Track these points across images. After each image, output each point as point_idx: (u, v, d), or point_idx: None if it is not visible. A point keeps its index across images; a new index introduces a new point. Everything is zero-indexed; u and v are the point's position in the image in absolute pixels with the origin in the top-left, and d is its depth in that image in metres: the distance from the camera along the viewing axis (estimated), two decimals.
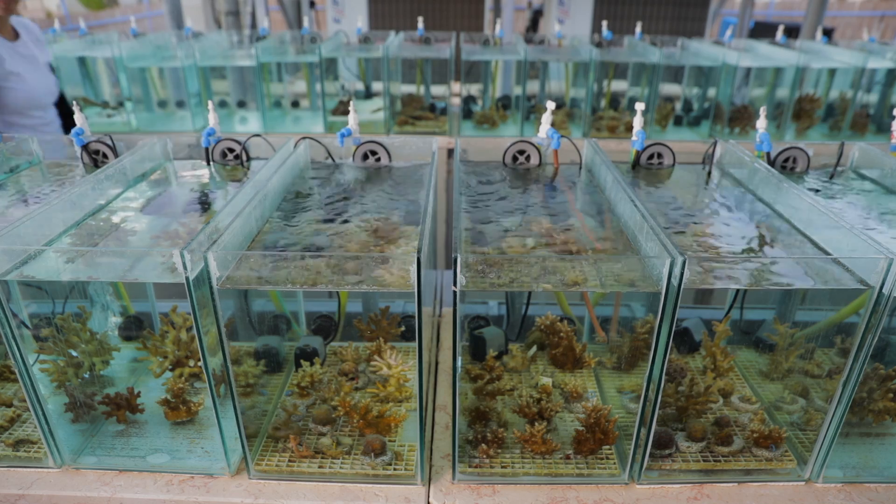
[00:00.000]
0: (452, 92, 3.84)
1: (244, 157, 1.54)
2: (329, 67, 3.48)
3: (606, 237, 1.20)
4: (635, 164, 1.53)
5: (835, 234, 1.07)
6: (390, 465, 1.12)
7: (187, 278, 0.94)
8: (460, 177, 1.45)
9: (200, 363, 1.20)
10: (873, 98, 3.57)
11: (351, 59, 3.76)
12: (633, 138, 1.51)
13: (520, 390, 1.31)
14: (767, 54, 3.52)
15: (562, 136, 1.50)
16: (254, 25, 5.89)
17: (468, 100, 3.67)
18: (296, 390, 1.28)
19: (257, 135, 1.55)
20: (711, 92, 3.56)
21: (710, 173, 1.52)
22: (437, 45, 3.56)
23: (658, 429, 1.13)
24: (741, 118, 3.37)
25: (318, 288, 0.96)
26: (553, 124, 1.53)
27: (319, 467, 1.12)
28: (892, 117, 1.58)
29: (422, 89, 3.78)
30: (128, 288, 1.49)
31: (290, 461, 1.13)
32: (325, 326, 1.54)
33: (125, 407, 1.22)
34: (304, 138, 1.56)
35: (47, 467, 1.13)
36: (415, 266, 0.93)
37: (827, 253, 1.07)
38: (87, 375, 1.27)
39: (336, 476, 1.11)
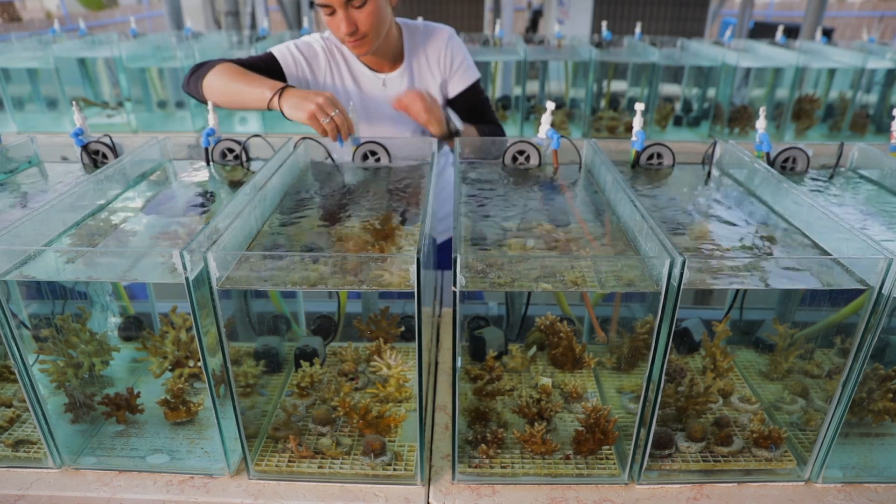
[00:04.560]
0: None
1: (244, 157, 1.54)
2: None
3: (606, 237, 1.20)
4: (635, 165, 1.53)
5: (834, 234, 1.07)
6: (390, 465, 1.12)
7: (187, 278, 0.94)
8: (460, 177, 1.45)
9: (200, 363, 1.20)
10: (873, 98, 3.58)
11: None
12: (633, 138, 1.51)
13: (520, 390, 1.31)
14: (767, 54, 3.53)
15: (561, 137, 1.50)
16: (253, 25, 5.89)
17: None
18: (295, 390, 1.28)
19: (257, 135, 1.55)
20: (711, 92, 3.56)
21: (709, 173, 1.52)
22: None
23: (658, 429, 1.13)
24: (741, 118, 3.37)
25: (318, 288, 0.96)
26: (553, 124, 1.53)
27: (319, 467, 1.12)
28: (892, 117, 1.58)
29: None
30: (127, 288, 1.49)
31: (289, 461, 1.13)
32: (324, 326, 1.54)
33: (125, 407, 1.22)
34: (304, 138, 1.56)
35: (47, 467, 1.13)
36: (415, 266, 0.94)
37: (827, 253, 1.07)
38: (86, 375, 1.26)
39: (336, 476, 1.11)
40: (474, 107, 1.78)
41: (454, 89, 1.79)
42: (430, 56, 1.79)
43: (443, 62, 1.79)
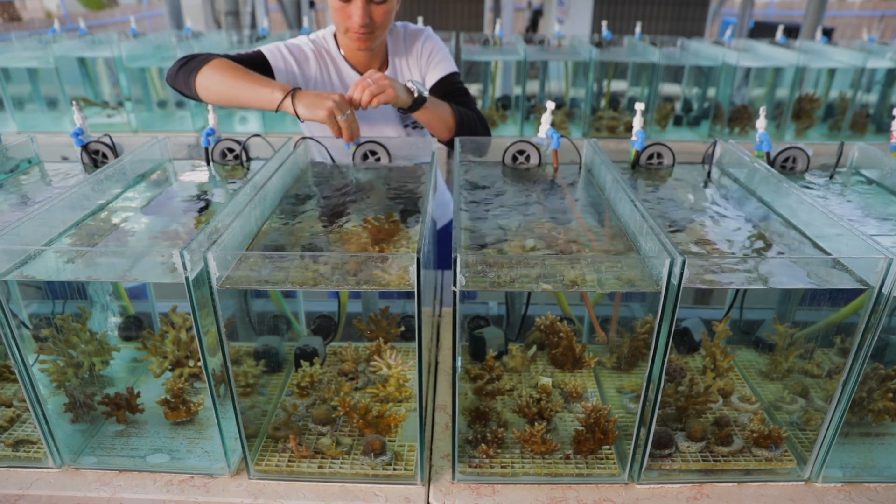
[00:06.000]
0: None
1: (244, 157, 1.54)
2: None
3: (606, 237, 1.20)
4: (635, 164, 1.53)
5: (834, 234, 1.07)
6: (390, 465, 1.12)
7: (187, 278, 0.94)
8: (460, 177, 1.45)
9: (200, 363, 1.20)
10: (873, 98, 3.58)
11: None
12: (633, 138, 1.51)
13: (520, 390, 1.31)
14: (767, 54, 3.53)
15: (562, 136, 1.50)
16: (253, 25, 5.89)
17: None
18: (296, 390, 1.28)
19: (257, 135, 1.55)
20: (711, 92, 3.56)
21: (709, 173, 1.52)
22: None
23: (658, 429, 1.13)
24: (741, 118, 3.37)
25: (319, 288, 0.96)
26: (553, 124, 1.53)
27: (319, 467, 1.12)
28: (892, 117, 1.58)
29: None
30: (127, 288, 1.49)
31: (289, 461, 1.13)
32: (325, 326, 1.54)
33: (125, 407, 1.22)
34: (303, 138, 1.56)
35: (47, 467, 1.13)
36: (415, 266, 0.94)
37: (827, 253, 1.07)
38: (86, 375, 1.27)
39: (336, 476, 1.11)
40: (448, 94, 1.77)
41: (430, 80, 1.81)
42: (410, 58, 1.84)
43: (421, 60, 1.83)
